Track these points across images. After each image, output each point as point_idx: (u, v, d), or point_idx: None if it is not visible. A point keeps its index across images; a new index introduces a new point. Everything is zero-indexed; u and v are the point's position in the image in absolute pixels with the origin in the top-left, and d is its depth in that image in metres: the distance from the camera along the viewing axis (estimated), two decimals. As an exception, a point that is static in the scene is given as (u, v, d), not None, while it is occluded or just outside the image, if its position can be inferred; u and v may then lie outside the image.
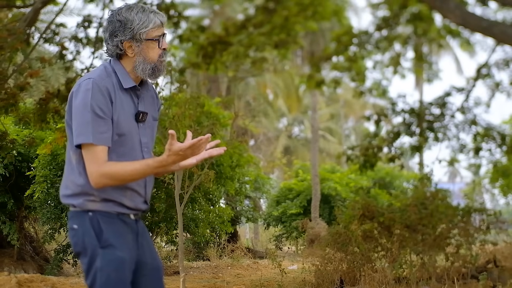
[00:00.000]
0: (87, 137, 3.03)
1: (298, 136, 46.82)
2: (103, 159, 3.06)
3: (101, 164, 3.05)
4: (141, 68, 3.22)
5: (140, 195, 3.27)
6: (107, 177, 3.05)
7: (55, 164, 13.28)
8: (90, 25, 11.57)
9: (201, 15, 30.51)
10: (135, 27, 3.17)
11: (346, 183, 22.59)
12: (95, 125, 3.04)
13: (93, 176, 3.05)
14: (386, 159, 14.20)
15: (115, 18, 3.20)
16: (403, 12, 13.56)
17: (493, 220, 10.54)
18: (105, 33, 3.25)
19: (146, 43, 3.21)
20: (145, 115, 3.27)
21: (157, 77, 3.30)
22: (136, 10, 3.19)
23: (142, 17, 3.18)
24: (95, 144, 3.04)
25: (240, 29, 12.84)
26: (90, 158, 3.06)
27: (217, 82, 29.45)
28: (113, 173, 3.06)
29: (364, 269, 9.58)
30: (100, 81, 3.13)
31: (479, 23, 10.04)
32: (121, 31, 3.18)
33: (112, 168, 3.07)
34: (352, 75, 14.62)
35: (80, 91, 3.11)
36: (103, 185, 3.08)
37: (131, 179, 3.12)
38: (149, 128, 3.34)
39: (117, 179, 3.08)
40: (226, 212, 15.14)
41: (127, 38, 3.18)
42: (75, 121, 3.09)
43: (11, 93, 9.77)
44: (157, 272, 3.33)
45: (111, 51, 3.24)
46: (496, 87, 14.21)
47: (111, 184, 3.09)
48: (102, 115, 3.07)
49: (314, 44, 26.76)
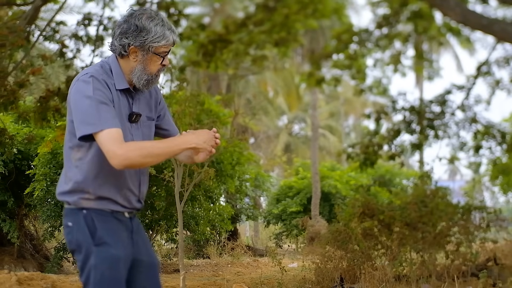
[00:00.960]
0: (96, 125, 2.99)
1: (298, 134, 46.84)
2: (121, 138, 3.01)
3: (122, 142, 2.99)
4: (138, 75, 3.23)
5: (134, 194, 3.28)
6: (137, 152, 2.99)
7: (55, 162, 13.27)
8: (90, 23, 11.57)
9: (201, 13, 30.51)
10: (148, 38, 3.16)
11: (346, 181, 22.59)
12: (100, 112, 3.01)
13: (116, 155, 2.96)
14: (386, 157, 14.21)
15: (134, 20, 3.17)
16: (403, 10, 13.56)
17: (493, 218, 10.55)
18: (116, 29, 3.23)
19: (151, 55, 3.21)
20: (138, 116, 3.27)
21: (148, 89, 3.31)
22: (156, 21, 3.18)
23: (159, 31, 3.17)
24: (107, 129, 2.98)
25: (240, 27, 12.84)
26: (109, 141, 2.98)
27: (217, 80, 29.45)
28: (143, 147, 3.01)
29: (364, 267, 9.58)
30: (98, 75, 3.14)
31: (479, 20, 10.03)
32: (133, 35, 3.16)
33: (143, 143, 3.06)
34: (352, 73, 14.63)
35: (79, 86, 3.11)
36: (132, 163, 2.99)
37: (163, 153, 3.06)
38: (145, 128, 3.33)
39: (148, 155, 3.01)
40: (226, 210, 15.14)
41: (136, 45, 3.18)
42: (78, 114, 3.06)
43: (10, 90, 9.77)
44: (153, 269, 3.34)
45: (115, 48, 3.23)
46: (496, 84, 14.22)
47: (141, 162, 3.01)
48: (105, 101, 3.06)
49: (314, 42, 26.76)
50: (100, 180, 3.14)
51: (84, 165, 3.14)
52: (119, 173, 3.17)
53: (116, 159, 2.97)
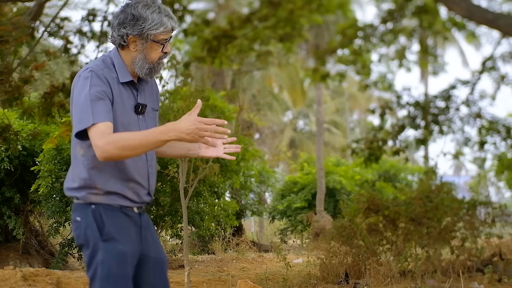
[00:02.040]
0: (88, 121, 3.01)
1: (303, 130, 46.83)
2: (108, 131, 3.01)
3: (104, 134, 2.99)
4: (139, 65, 3.23)
5: (143, 187, 3.27)
6: (112, 144, 2.98)
7: (60, 158, 13.28)
8: (94, 19, 11.58)
9: (206, 8, 30.45)
10: (145, 26, 3.17)
11: (351, 176, 22.59)
12: (94, 107, 3.03)
13: (97, 146, 2.98)
14: (391, 152, 14.19)
15: (130, 10, 3.19)
16: (408, 5, 13.53)
17: (499, 213, 10.54)
18: (114, 20, 3.25)
19: (151, 43, 3.22)
20: (144, 107, 3.28)
21: (152, 77, 3.32)
22: (152, 9, 3.18)
23: (156, 18, 3.18)
24: (97, 123, 3.00)
25: (245, 23, 12.83)
26: (95, 135, 2.99)
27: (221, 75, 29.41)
28: (120, 139, 2.99)
29: (369, 262, 9.57)
30: (98, 70, 3.14)
31: (484, 15, 10.01)
32: (131, 25, 3.17)
33: (116, 136, 3.02)
34: (357, 68, 14.61)
35: (79, 81, 3.13)
36: (110, 156, 2.99)
37: (136, 144, 3.00)
38: (150, 119, 3.34)
39: (125, 147, 2.99)
40: (231, 205, 15.13)
41: (134, 34, 3.18)
42: (75, 109, 3.09)
43: (15, 86, 9.78)
44: (161, 266, 3.34)
45: (114, 39, 3.24)
46: (501, 80, 14.18)
47: (118, 154, 3.00)
48: (101, 96, 3.07)
49: (319, 37, 26.71)
50: (106, 174, 3.15)
51: (88, 161, 3.14)
52: (124, 166, 3.17)
53: (96, 151, 3.00)
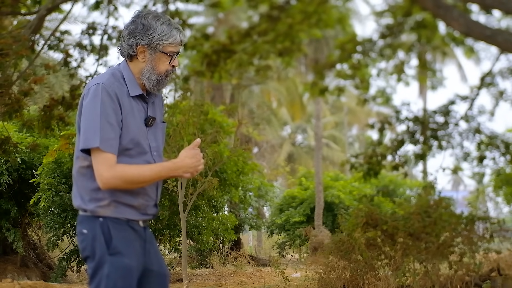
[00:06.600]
0: (95, 141, 3.06)
1: (301, 144, 46.83)
2: (113, 161, 3.09)
3: (111, 165, 3.08)
4: (147, 76, 3.27)
5: (151, 198, 3.31)
6: (118, 178, 3.08)
7: (60, 171, 13.27)
8: (94, 32, 11.63)
9: (205, 23, 30.57)
10: (155, 36, 3.22)
11: (350, 191, 22.58)
12: (103, 130, 3.08)
13: (102, 177, 3.07)
14: (390, 167, 14.21)
15: (140, 20, 3.24)
16: (407, 20, 13.59)
17: (497, 228, 10.52)
18: (124, 30, 3.30)
19: (160, 55, 3.26)
20: (153, 120, 3.32)
21: (159, 90, 3.35)
22: (162, 20, 3.24)
23: (165, 29, 3.23)
24: (104, 150, 3.07)
25: (244, 37, 12.88)
26: (100, 161, 3.08)
27: (221, 89, 29.49)
28: (125, 174, 3.09)
29: (367, 277, 9.56)
30: (109, 86, 3.16)
31: (483, 31, 10.04)
32: (140, 34, 3.22)
33: (125, 169, 3.10)
34: (356, 83, 14.64)
35: (89, 96, 3.15)
36: (113, 187, 3.09)
37: (143, 180, 3.14)
38: (159, 131, 3.39)
39: (128, 181, 3.11)
40: (229, 219, 15.12)
41: (144, 43, 3.23)
42: (83, 126, 3.13)
43: (15, 98, 9.81)
44: (163, 279, 3.36)
45: (124, 50, 3.28)
46: (500, 95, 14.23)
47: (121, 186, 3.11)
48: (111, 121, 3.11)
49: (318, 52, 26.81)
50: None
51: (93, 172, 3.15)
52: None
53: (100, 180, 3.10)
